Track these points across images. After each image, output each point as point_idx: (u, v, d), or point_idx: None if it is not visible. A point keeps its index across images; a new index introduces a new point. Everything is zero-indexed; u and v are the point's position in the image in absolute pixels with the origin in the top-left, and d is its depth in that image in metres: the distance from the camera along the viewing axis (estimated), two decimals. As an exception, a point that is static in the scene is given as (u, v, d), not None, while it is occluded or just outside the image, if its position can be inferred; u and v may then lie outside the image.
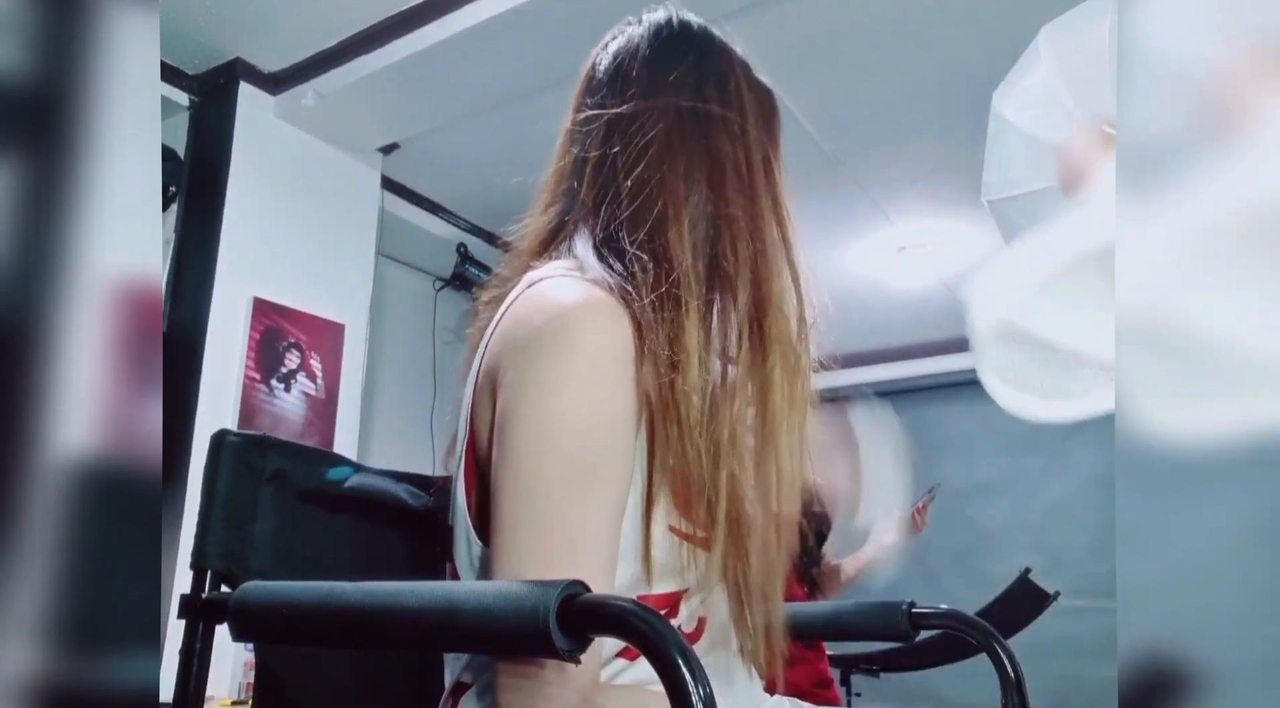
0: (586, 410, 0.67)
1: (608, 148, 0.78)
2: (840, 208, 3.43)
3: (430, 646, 0.83)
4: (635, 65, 0.80)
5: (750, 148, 0.78)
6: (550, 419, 0.67)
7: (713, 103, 0.78)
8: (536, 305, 0.71)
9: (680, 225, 0.74)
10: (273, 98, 2.77)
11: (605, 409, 0.68)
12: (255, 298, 2.63)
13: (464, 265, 3.59)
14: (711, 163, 0.77)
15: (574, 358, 0.67)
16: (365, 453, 3.13)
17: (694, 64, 0.80)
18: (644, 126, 0.76)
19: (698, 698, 0.49)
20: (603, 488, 0.67)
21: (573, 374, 0.67)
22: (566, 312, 0.69)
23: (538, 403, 0.68)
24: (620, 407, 0.69)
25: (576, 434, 0.67)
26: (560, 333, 0.68)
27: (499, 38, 2.37)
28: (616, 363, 0.68)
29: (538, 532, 0.66)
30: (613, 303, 0.70)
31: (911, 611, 1.09)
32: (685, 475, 0.70)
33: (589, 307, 0.69)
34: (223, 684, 2.33)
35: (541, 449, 0.67)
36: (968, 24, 2.40)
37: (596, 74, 0.83)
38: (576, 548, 0.66)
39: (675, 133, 0.77)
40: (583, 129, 0.81)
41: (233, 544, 0.86)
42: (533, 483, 0.67)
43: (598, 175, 0.78)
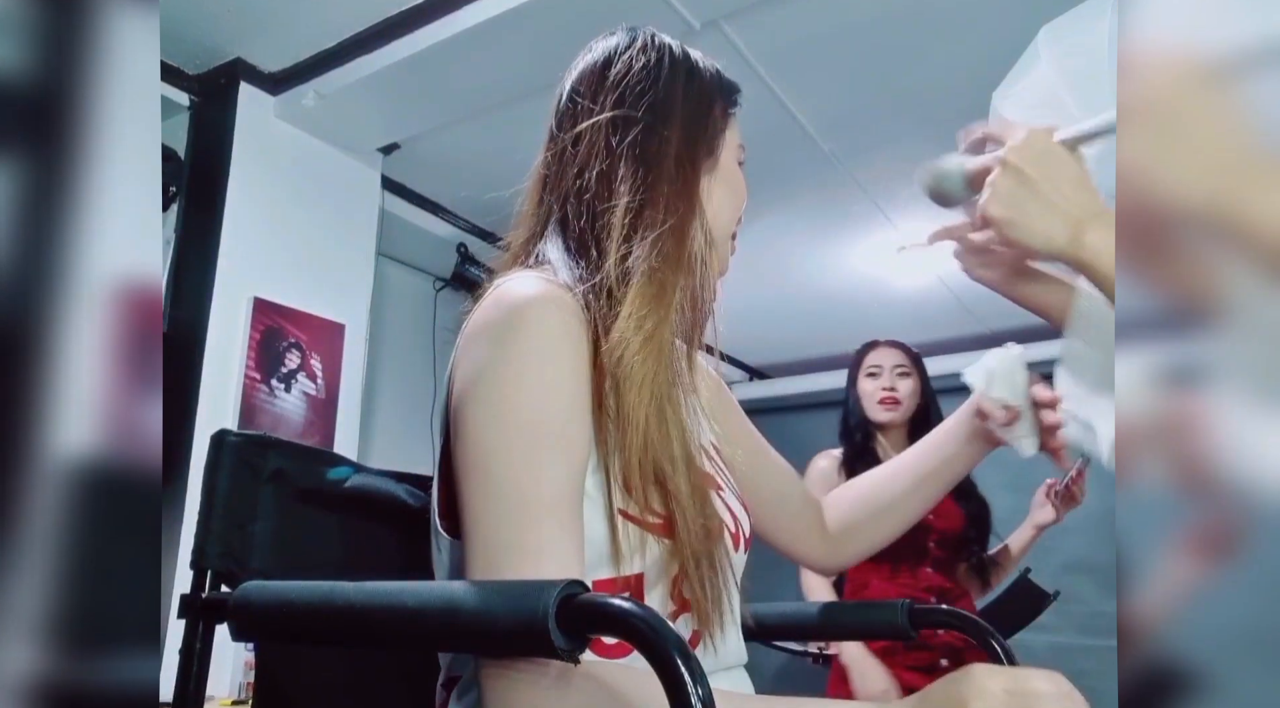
0: (538, 382, 0.71)
1: (560, 163, 0.88)
2: (840, 208, 3.43)
3: (430, 645, 0.83)
4: (582, 86, 0.90)
5: (666, 148, 0.84)
6: (503, 393, 0.71)
7: (642, 111, 0.85)
8: (494, 300, 0.76)
9: (609, 226, 0.81)
10: (273, 98, 2.77)
11: (556, 381, 0.72)
12: (255, 298, 2.63)
13: (464, 265, 3.59)
14: (634, 166, 0.84)
15: (525, 338, 0.72)
16: (365, 453, 3.13)
17: (628, 77, 0.87)
18: (587, 140, 0.86)
19: (697, 698, 0.49)
20: (559, 455, 0.70)
21: (523, 351, 0.72)
22: (519, 301, 0.74)
23: (490, 381, 0.72)
24: (571, 381, 0.73)
25: (529, 406, 0.71)
26: (512, 318, 0.73)
27: (499, 38, 2.37)
28: (565, 341, 0.73)
29: (497, 499, 0.69)
30: (563, 294, 0.76)
31: (911, 610, 1.09)
32: (630, 459, 0.74)
33: (541, 296, 0.75)
34: (223, 684, 2.33)
35: (495, 421, 0.71)
36: (967, 24, 2.40)
37: (560, 100, 0.92)
38: (536, 511, 0.68)
39: (607, 142, 0.85)
40: (547, 152, 0.91)
41: (233, 544, 0.86)
42: (489, 456, 0.70)
43: (557, 186, 0.87)
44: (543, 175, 0.90)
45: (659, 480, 0.74)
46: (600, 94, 0.87)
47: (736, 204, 0.93)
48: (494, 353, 0.73)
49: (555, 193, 0.87)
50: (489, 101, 2.70)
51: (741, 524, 0.87)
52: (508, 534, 0.67)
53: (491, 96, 2.67)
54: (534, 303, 0.74)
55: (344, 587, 0.65)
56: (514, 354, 0.72)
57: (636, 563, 0.75)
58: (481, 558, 0.68)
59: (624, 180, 0.83)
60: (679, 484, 0.75)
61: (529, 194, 0.92)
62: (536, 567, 0.66)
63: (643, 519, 0.74)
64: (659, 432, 0.75)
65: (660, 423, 0.75)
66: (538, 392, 0.71)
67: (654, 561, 0.75)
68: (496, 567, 0.67)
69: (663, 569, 0.76)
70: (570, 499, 0.71)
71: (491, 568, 0.67)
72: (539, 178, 0.91)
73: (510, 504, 0.68)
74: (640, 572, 0.75)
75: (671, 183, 0.83)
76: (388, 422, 3.45)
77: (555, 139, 0.90)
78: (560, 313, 0.74)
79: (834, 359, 5.01)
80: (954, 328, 4.53)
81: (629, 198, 0.82)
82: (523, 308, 0.74)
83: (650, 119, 0.85)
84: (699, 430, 0.86)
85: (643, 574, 0.75)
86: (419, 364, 3.62)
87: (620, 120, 0.85)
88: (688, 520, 0.75)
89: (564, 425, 0.71)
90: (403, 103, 2.73)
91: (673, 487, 0.75)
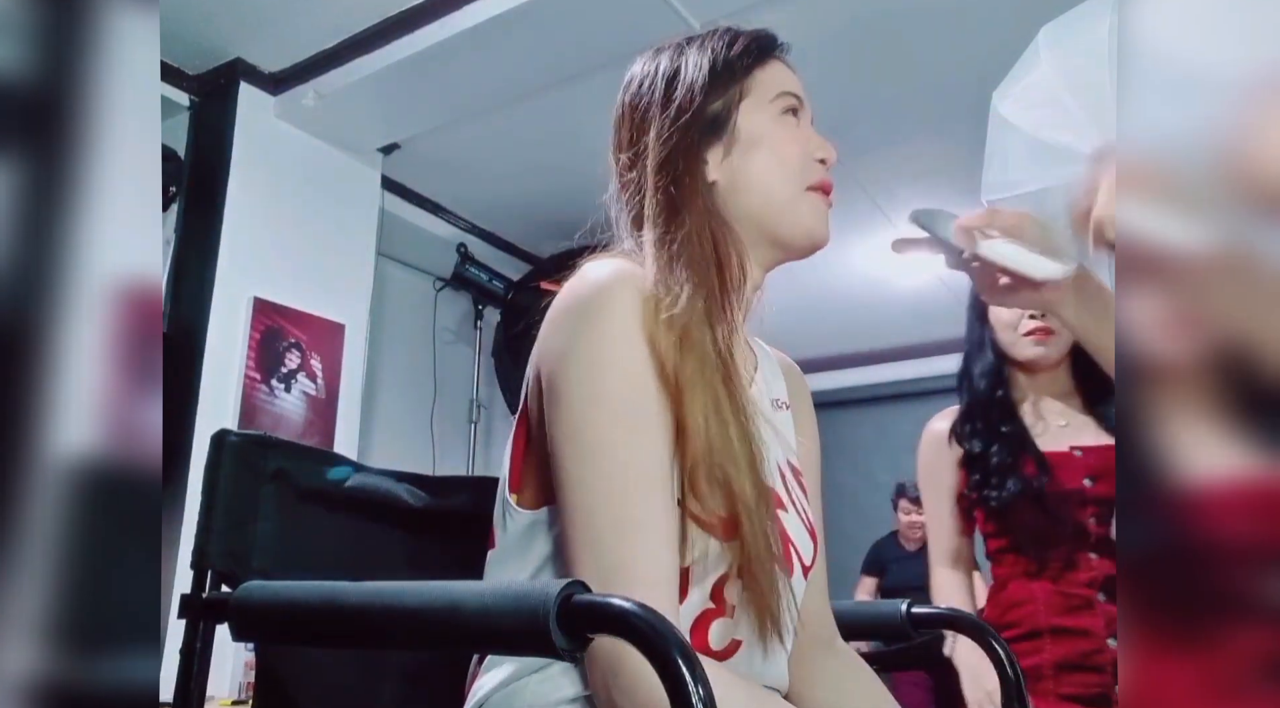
0: (627, 360, 0.75)
1: (628, 171, 0.91)
2: (840, 208, 3.38)
3: (431, 645, 0.83)
4: (637, 103, 0.93)
5: (674, 147, 0.87)
6: (595, 373, 0.74)
7: (660, 109, 0.89)
8: (578, 280, 0.80)
9: (653, 226, 0.85)
10: (273, 98, 2.77)
11: (642, 360, 0.75)
12: (255, 298, 2.63)
13: (464, 265, 3.58)
14: (660, 165, 0.87)
15: (612, 319, 0.76)
16: (365, 453, 3.13)
17: (655, 88, 0.91)
18: (637, 145, 0.90)
19: (698, 698, 0.49)
20: (652, 432, 0.73)
21: (612, 332, 0.75)
22: (602, 281, 0.78)
23: (581, 361, 0.75)
24: (653, 361, 0.75)
25: (621, 384, 0.74)
26: (598, 298, 0.77)
27: (499, 38, 2.37)
28: (647, 326, 0.76)
29: (600, 475, 0.72)
30: (640, 276, 0.80)
31: (911, 611, 1.08)
32: (698, 453, 0.74)
33: (621, 277, 0.78)
34: (223, 684, 2.33)
35: (590, 400, 0.74)
36: (967, 24, 2.40)
37: (620, 112, 0.95)
38: (639, 485, 0.71)
39: (647, 146, 0.89)
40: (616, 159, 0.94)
41: (234, 544, 0.86)
42: (587, 430, 0.73)
43: (627, 192, 0.91)
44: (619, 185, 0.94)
45: (724, 482, 0.74)
46: (616, 151, 0.92)
47: (789, 157, 0.91)
48: (584, 332, 0.76)
49: (628, 200, 0.91)
50: (489, 102, 2.70)
51: (800, 551, 0.86)
52: (613, 509, 0.70)
53: (491, 97, 2.67)
54: (614, 282, 0.77)
55: (345, 587, 0.65)
56: (598, 334, 0.75)
57: (685, 557, 0.74)
58: (585, 531, 0.71)
59: (650, 223, 0.85)
60: (744, 486, 0.75)
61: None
62: (641, 539, 0.69)
63: (700, 516, 0.74)
64: (720, 432, 0.75)
65: (721, 425, 0.75)
66: (628, 370, 0.74)
67: (702, 557, 0.75)
68: (600, 540, 0.70)
69: (709, 568, 0.76)
70: (667, 475, 0.73)
71: (597, 541, 0.70)
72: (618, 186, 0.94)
73: (613, 480, 0.71)
74: (687, 566, 0.75)
75: (663, 200, 0.85)
76: (388, 422, 3.45)
77: (617, 152, 0.94)
78: (637, 294, 0.77)
79: (834, 359, 5.02)
80: (954, 328, 4.51)
81: (653, 234, 0.84)
82: (604, 287, 0.77)
83: (662, 113, 0.88)
84: (772, 443, 0.86)
85: (689, 569, 0.75)
86: (419, 364, 3.62)
87: (630, 160, 0.90)
88: (753, 522, 0.74)
89: (654, 402, 0.74)
90: (403, 103, 2.73)
91: (738, 488, 0.74)
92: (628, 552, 0.69)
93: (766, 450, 0.80)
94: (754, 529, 0.74)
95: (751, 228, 0.89)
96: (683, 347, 0.76)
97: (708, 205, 0.87)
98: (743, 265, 0.88)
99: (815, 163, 0.92)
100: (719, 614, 0.77)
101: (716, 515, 0.74)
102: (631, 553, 0.69)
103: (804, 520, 0.88)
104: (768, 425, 0.87)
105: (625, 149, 0.91)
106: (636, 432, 0.73)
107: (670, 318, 0.76)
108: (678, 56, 0.92)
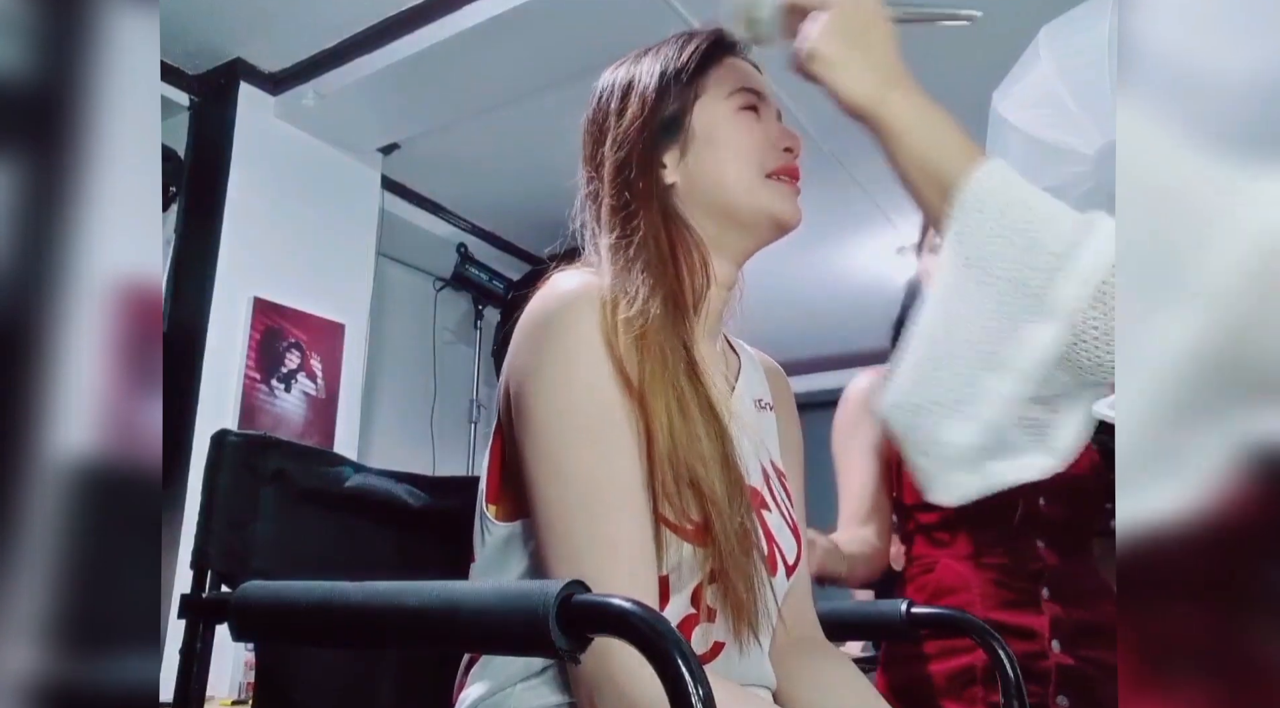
0: (590, 377, 0.75)
1: (589, 183, 0.93)
2: (840, 208, 3.43)
3: (431, 645, 0.83)
4: (595, 116, 0.95)
5: (627, 153, 0.89)
6: (559, 389, 0.75)
7: (615, 119, 0.91)
8: (545, 293, 0.81)
9: (608, 232, 0.87)
10: (273, 98, 2.77)
11: (606, 375, 0.76)
12: (255, 298, 2.63)
13: (464, 265, 3.58)
14: (615, 171, 0.89)
15: (575, 334, 0.76)
16: (365, 453, 3.13)
17: (611, 99, 0.93)
18: (596, 157, 0.92)
19: (697, 698, 0.49)
20: (621, 446, 0.74)
21: (576, 348, 0.76)
22: (565, 295, 0.79)
23: (546, 376, 0.76)
24: (618, 376, 0.76)
25: (586, 400, 0.75)
26: (560, 314, 0.78)
27: (499, 38, 2.37)
28: (606, 334, 0.77)
29: (571, 493, 0.73)
30: (601, 287, 0.81)
31: (910, 611, 1.07)
32: (664, 453, 0.75)
33: (582, 291, 0.79)
34: (223, 684, 2.33)
35: (557, 416, 0.75)
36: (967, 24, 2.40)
37: (584, 126, 0.96)
38: (608, 504, 0.72)
39: (604, 156, 0.91)
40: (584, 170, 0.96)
41: (234, 544, 0.86)
42: (558, 451, 0.74)
43: (590, 202, 0.93)
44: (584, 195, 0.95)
45: (693, 482, 0.74)
46: (582, 164, 0.94)
47: (746, 148, 0.89)
48: (544, 347, 0.77)
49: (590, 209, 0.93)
50: (489, 101, 2.70)
51: (783, 550, 0.86)
52: (588, 528, 0.72)
53: (491, 96, 2.67)
54: (577, 298, 0.78)
55: (344, 587, 0.65)
56: (561, 351, 0.76)
57: (662, 566, 0.74)
58: (561, 550, 0.72)
59: (605, 228, 0.87)
60: (714, 484, 0.75)
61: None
62: (617, 557, 0.70)
63: (677, 524, 0.74)
64: (684, 430, 0.75)
65: (686, 422, 0.75)
66: (593, 385, 0.75)
67: (679, 565, 0.75)
68: (577, 559, 0.71)
69: (687, 575, 0.76)
70: (640, 488, 0.74)
71: (574, 560, 0.71)
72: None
73: (587, 499, 0.72)
74: (665, 574, 0.75)
75: (617, 205, 0.87)
76: (388, 422, 3.45)
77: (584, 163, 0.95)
78: (600, 309, 0.78)
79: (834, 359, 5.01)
80: (954, 328, 4.52)
81: (608, 239, 0.87)
82: (568, 302, 0.78)
83: (618, 121, 0.90)
84: (754, 443, 0.86)
85: (667, 577, 0.75)
86: (419, 364, 3.62)
87: (591, 172, 0.92)
88: (724, 520, 0.74)
89: (621, 414, 0.75)
90: (403, 103, 2.73)
91: (707, 487, 0.74)
92: (607, 571, 0.69)
93: (740, 447, 0.80)
94: (725, 527, 0.74)
95: (714, 221, 0.88)
96: (641, 348, 0.76)
97: (664, 207, 0.87)
98: (705, 264, 0.87)
99: (777, 151, 0.90)
100: (699, 620, 0.77)
101: (690, 520, 0.75)
102: (611, 572, 0.70)
103: (788, 520, 0.88)
104: (749, 427, 0.87)
105: (589, 162, 0.93)
106: (606, 448, 0.74)
107: (627, 319, 0.77)
108: (634, 66, 0.93)
